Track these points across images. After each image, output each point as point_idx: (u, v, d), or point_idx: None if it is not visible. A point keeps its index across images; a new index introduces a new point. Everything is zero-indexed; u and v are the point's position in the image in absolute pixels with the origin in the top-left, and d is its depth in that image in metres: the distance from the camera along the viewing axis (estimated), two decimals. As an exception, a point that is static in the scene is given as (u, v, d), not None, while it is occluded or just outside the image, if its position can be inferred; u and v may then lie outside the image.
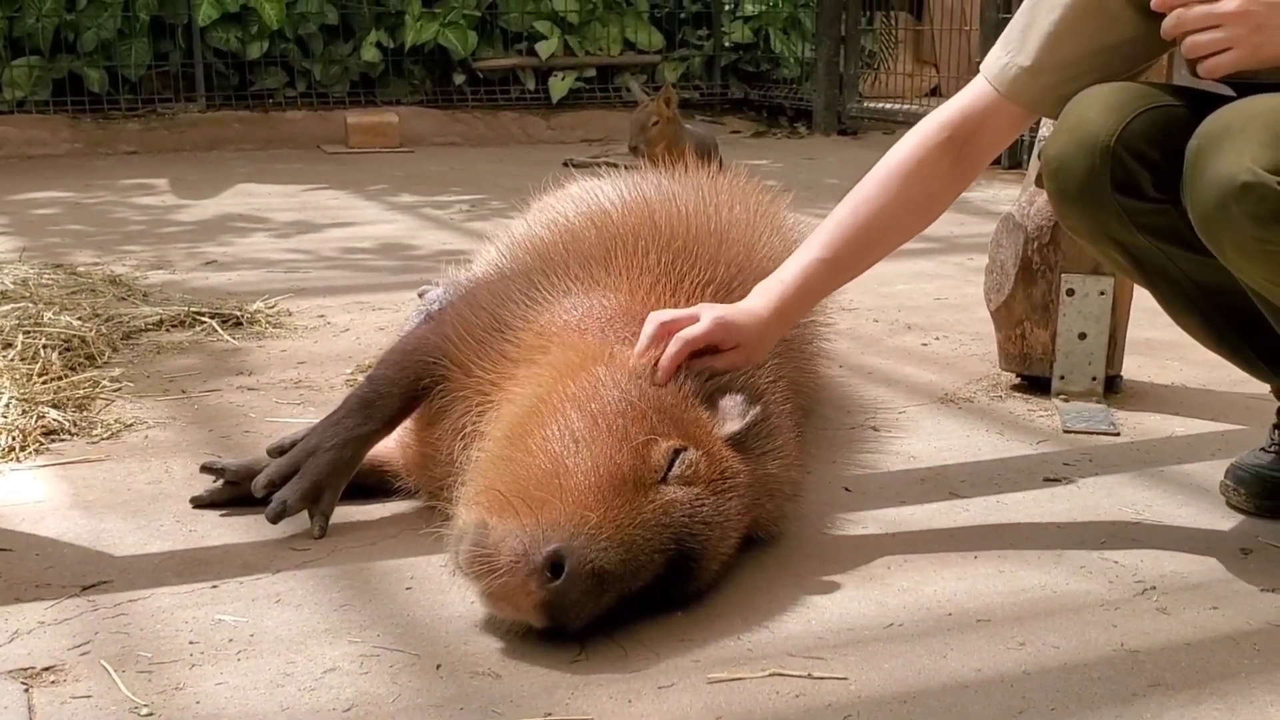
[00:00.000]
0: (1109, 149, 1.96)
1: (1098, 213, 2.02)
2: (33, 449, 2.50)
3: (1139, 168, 1.96)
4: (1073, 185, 2.02)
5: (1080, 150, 1.99)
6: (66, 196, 6.07)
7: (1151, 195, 1.98)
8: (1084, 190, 2.00)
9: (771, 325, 2.14)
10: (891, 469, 2.53)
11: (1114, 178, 1.97)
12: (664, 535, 1.78)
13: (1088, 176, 1.99)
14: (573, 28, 9.11)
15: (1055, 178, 2.05)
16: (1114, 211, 2.00)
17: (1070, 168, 2.01)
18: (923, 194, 2.19)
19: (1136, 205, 1.99)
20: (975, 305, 3.86)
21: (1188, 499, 2.38)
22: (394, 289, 4.03)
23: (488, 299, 2.19)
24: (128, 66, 8.19)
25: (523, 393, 2.01)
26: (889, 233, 2.22)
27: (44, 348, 3.00)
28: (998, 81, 2.15)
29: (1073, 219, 2.09)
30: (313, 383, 3.02)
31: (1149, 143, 1.96)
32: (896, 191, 2.17)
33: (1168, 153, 1.94)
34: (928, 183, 2.18)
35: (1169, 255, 2.05)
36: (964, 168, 2.20)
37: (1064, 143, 2.02)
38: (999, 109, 2.16)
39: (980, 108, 2.16)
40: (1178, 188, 1.93)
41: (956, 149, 2.16)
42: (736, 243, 2.43)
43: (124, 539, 2.11)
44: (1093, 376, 2.93)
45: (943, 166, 2.17)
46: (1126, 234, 2.04)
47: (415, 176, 6.84)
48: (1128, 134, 1.96)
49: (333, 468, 2.14)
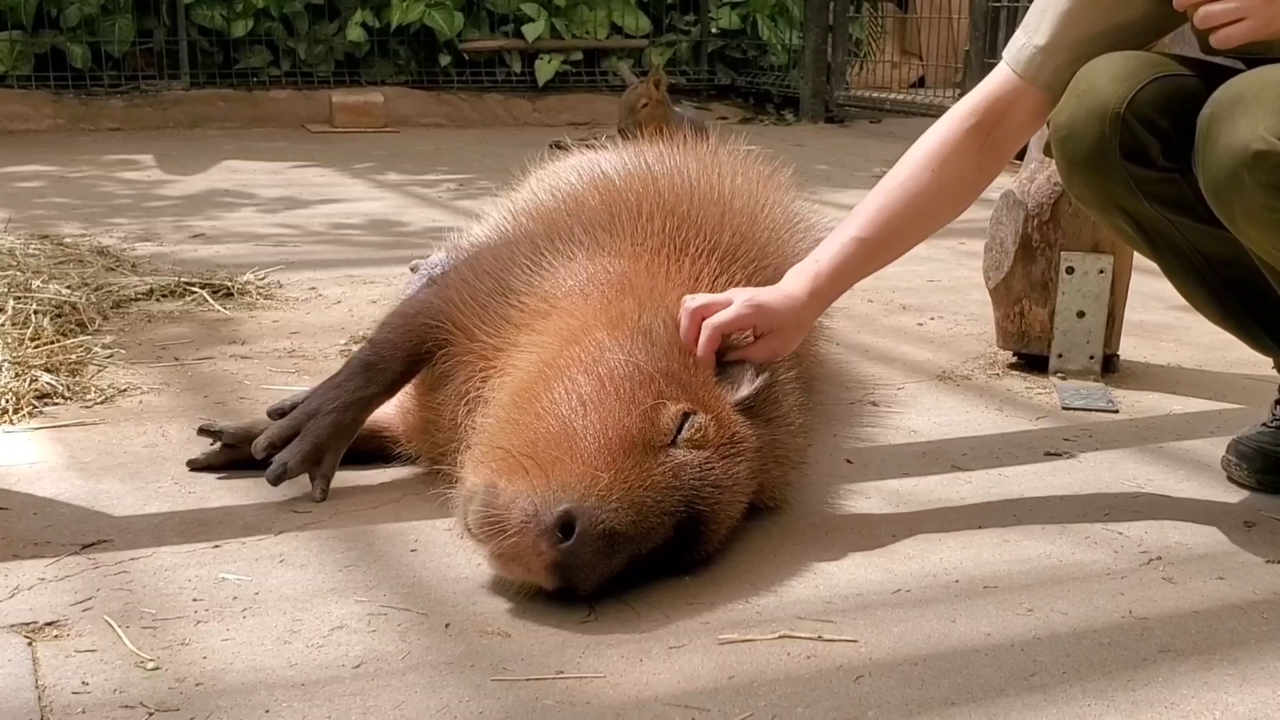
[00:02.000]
0: (1119, 116, 1.96)
1: (1106, 180, 2.02)
2: (26, 412, 2.47)
3: (1148, 135, 1.96)
4: (1081, 152, 2.02)
5: (1090, 117, 1.98)
6: (51, 170, 6.00)
7: (1160, 164, 1.98)
8: (1093, 157, 2.00)
9: (808, 308, 2.12)
10: (893, 442, 2.52)
11: (1123, 145, 1.97)
12: (674, 498, 1.77)
13: (1097, 143, 1.98)
14: (559, 11, 9.07)
15: (1064, 145, 2.04)
16: (1122, 179, 2.00)
17: (1079, 134, 2.01)
18: (956, 179, 2.18)
19: (1145, 173, 1.99)
20: (969, 288, 3.87)
21: (1189, 474, 2.38)
22: (385, 264, 4.00)
23: (492, 263, 2.17)
24: (111, 43, 8.12)
25: (527, 358, 1.99)
26: (924, 218, 2.21)
27: (35, 313, 2.96)
28: (1015, 63, 2.16)
29: (1080, 187, 2.08)
30: (306, 352, 2.99)
31: (1158, 111, 1.95)
32: (931, 177, 2.16)
33: (1177, 122, 1.94)
34: (960, 168, 2.17)
35: (1176, 225, 2.05)
36: (993, 153, 2.19)
37: (1073, 109, 2.01)
38: (1021, 92, 2.15)
39: (1004, 92, 2.17)
40: (1186, 157, 1.93)
41: (985, 134, 2.16)
42: (740, 212, 2.41)
43: (122, 500, 2.09)
44: (1090, 355, 2.93)
45: (972, 152, 2.17)
46: (1134, 202, 2.03)
47: (401, 156, 6.80)
48: (1137, 102, 1.95)
49: (334, 430, 2.12)
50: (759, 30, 9.70)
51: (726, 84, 9.68)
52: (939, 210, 2.22)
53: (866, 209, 2.17)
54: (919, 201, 2.17)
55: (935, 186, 2.17)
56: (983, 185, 2.25)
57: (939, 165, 2.16)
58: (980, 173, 2.21)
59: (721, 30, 9.72)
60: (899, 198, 2.17)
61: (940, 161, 2.16)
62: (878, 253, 2.20)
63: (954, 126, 2.18)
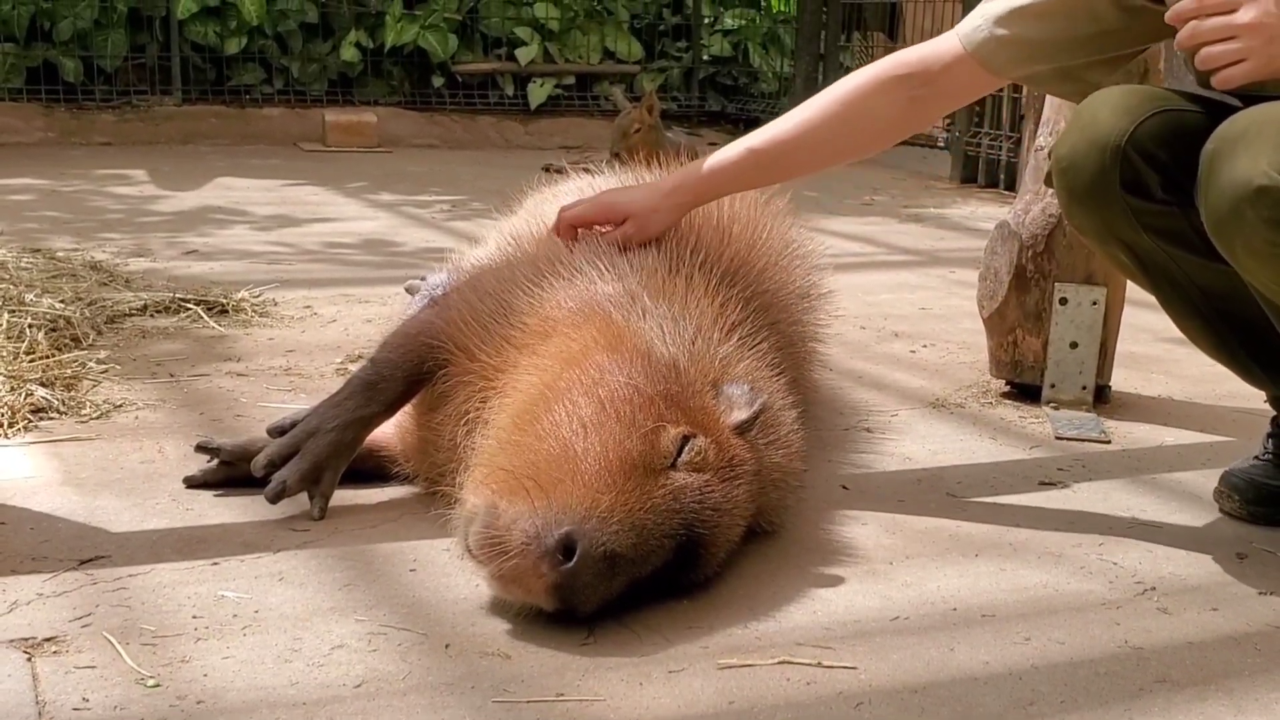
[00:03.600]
0: (1119, 148, 1.98)
1: (1105, 211, 2.04)
2: (21, 426, 2.46)
3: (1148, 168, 1.99)
4: (1082, 183, 2.04)
5: (1091, 149, 2.01)
6: (42, 184, 5.99)
7: (1159, 196, 2.01)
8: (1093, 188, 2.03)
9: (669, 196, 2.26)
10: (887, 469, 2.54)
11: (1123, 177, 2.00)
12: (674, 520, 1.77)
13: (1097, 175, 2.01)
14: (553, 35, 9.12)
15: (1065, 175, 2.07)
16: (1121, 211, 2.03)
17: (1080, 166, 2.03)
18: (865, 120, 2.26)
19: (1144, 205, 2.01)
20: (960, 316, 3.89)
21: (1181, 505, 2.40)
22: (380, 283, 4.00)
23: (494, 285, 2.17)
24: (104, 57, 8.12)
25: (528, 379, 2.00)
26: (821, 146, 2.29)
27: (30, 327, 2.96)
28: (967, 41, 2.19)
29: (1080, 217, 2.11)
30: (302, 370, 2.99)
31: (1159, 145, 1.98)
32: (840, 110, 2.25)
33: (1177, 155, 1.96)
34: (873, 110, 2.25)
35: (1174, 258, 2.07)
36: (915, 109, 2.26)
37: (1075, 141, 2.04)
38: (962, 62, 2.20)
39: (945, 57, 2.21)
40: (1185, 190, 1.95)
41: (912, 87, 2.22)
42: (739, 237, 2.43)
43: (119, 516, 2.08)
44: (1083, 385, 2.95)
45: (893, 98, 2.23)
46: (1133, 234, 2.06)
47: (394, 176, 6.81)
48: (1138, 135, 1.98)
49: (334, 449, 2.11)
50: (750, 57, 9.76)
51: (717, 110, 9.72)
52: (838, 144, 2.30)
53: (770, 126, 2.29)
54: (820, 130, 2.26)
55: (839, 120, 2.25)
56: (892, 137, 2.34)
57: (851, 101, 2.25)
58: (894, 124, 2.29)
59: (713, 57, 9.78)
60: (801, 121, 2.27)
61: (855, 98, 2.25)
62: (765, 165, 2.30)
63: (882, 71, 2.26)
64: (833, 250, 3.94)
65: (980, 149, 7.35)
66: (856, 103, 2.24)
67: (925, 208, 6.49)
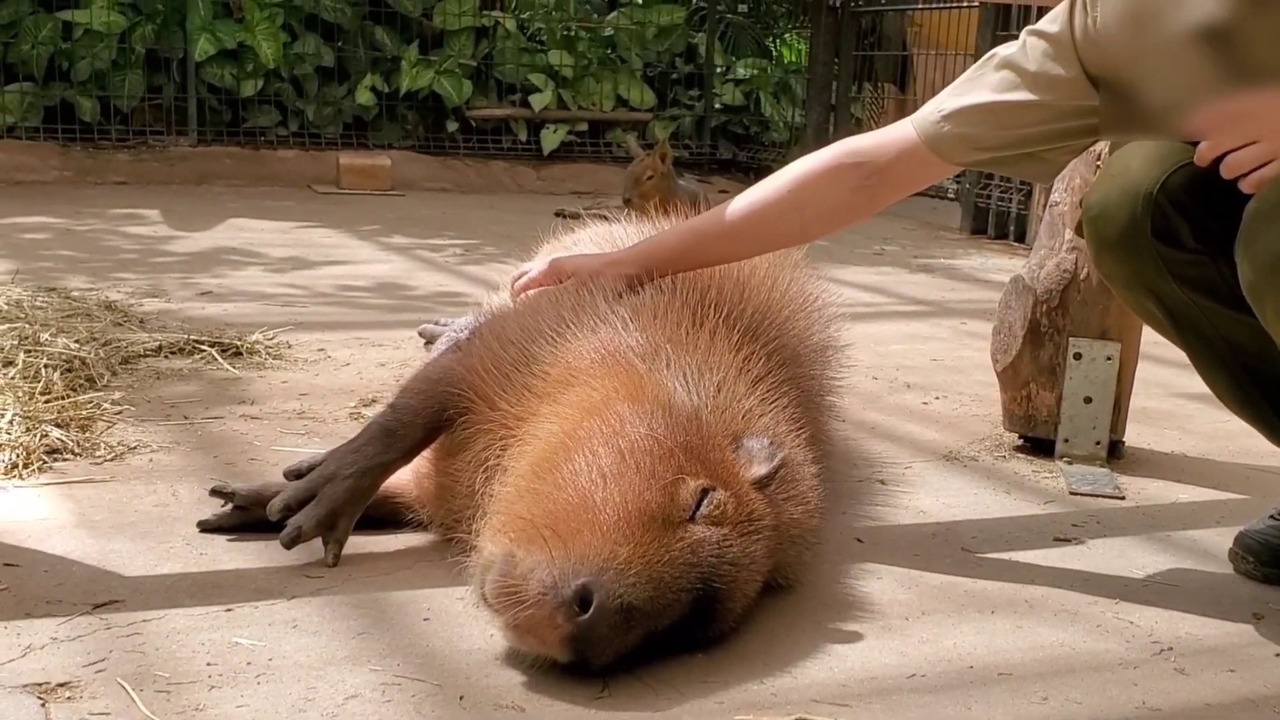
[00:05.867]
0: (1151, 196, 1.99)
1: (1136, 260, 2.05)
2: (36, 467, 2.46)
3: (1179, 217, 1.99)
4: (1113, 232, 2.05)
5: (1123, 198, 2.02)
6: (57, 223, 6.03)
7: (1190, 245, 2.01)
8: (1124, 237, 2.04)
9: (612, 263, 2.34)
10: (902, 522, 2.53)
11: (1154, 226, 2.01)
12: (691, 574, 1.77)
13: (1129, 223, 2.02)
14: (566, 82, 9.19)
15: (1095, 224, 2.08)
16: (1152, 259, 2.03)
17: (1111, 214, 2.04)
18: (814, 202, 2.28)
19: (1175, 255, 2.02)
20: (971, 368, 3.89)
21: (1197, 563, 2.39)
22: (393, 327, 4.01)
23: (517, 333, 2.18)
24: (120, 97, 8.18)
25: (548, 428, 2.00)
26: (769, 230, 2.32)
27: (45, 367, 2.97)
28: (924, 130, 2.21)
29: (1110, 265, 2.11)
30: (316, 414, 2.99)
31: (1190, 195, 1.99)
32: (789, 193, 2.28)
33: (1208, 206, 1.97)
34: (821, 197, 2.27)
35: (1203, 310, 2.08)
36: (865, 196, 2.27)
37: (1106, 189, 2.05)
38: (916, 151, 2.22)
39: (900, 145, 2.23)
40: (1216, 240, 1.96)
41: (863, 176, 2.24)
42: (760, 289, 2.44)
43: (133, 559, 2.08)
44: (1096, 440, 2.95)
45: (843, 185, 2.25)
46: (1163, 283, 2.06)
47: (407, 219, 6.84)
48: (1170, 184, 1.99)
49: (350, 495, 2.11)
50: (762, 107, 9.82)
51: (728, 158, 9.78)
52: (784, 230, 2.34)
53: (719, 207, 2.35)
54: (767, 214, 2.29)
55: (788, 205, 2.28)
56: (838, 222, 2.37)
57: (800, 186, 2.27)
58: (842, 210, 2.31)
59: (725, 106, 9.85)
60: (748, 205, 2.31)
61: (803, 184, 2.28)
62: (710, 247, 2.35)
63: (832, 158, 2.28)
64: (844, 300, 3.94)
65: (990, 201, 7.39)
66: (805, 189, 2.27)
67: (935, 258, 6.51)
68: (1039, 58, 2.16)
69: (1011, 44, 2.23)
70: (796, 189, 2.28)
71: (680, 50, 9.71)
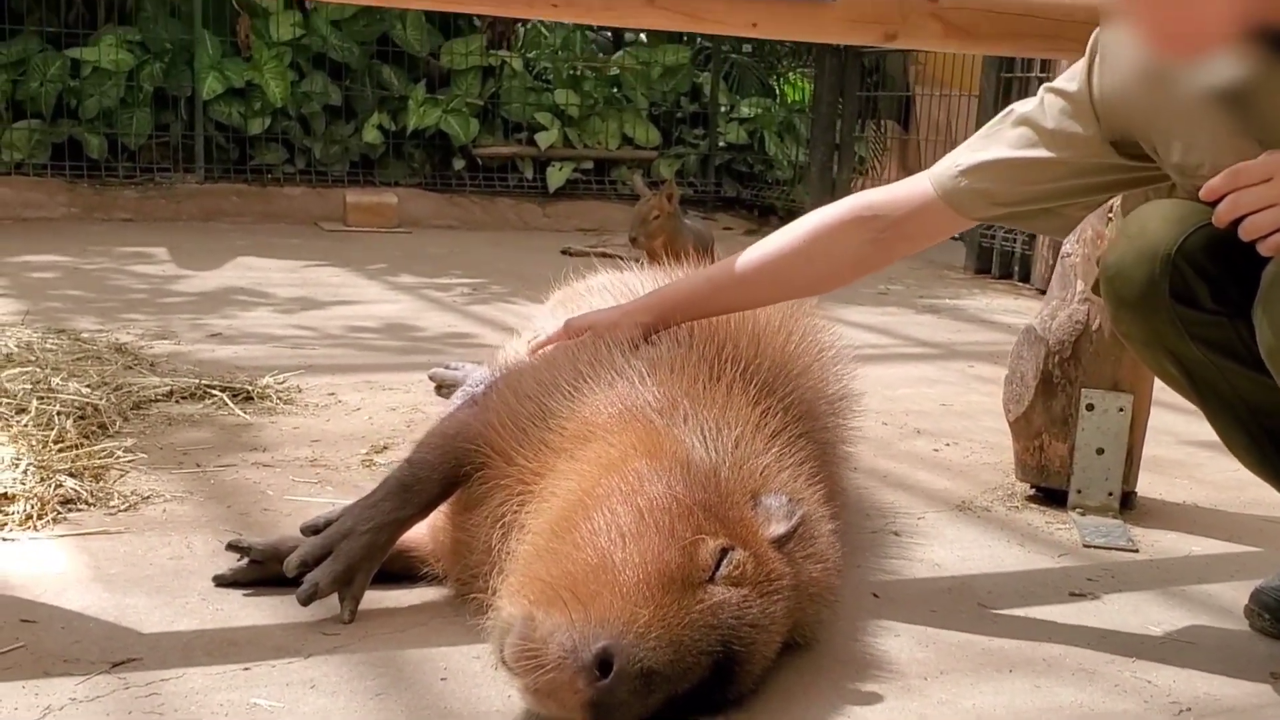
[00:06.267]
0: (1169, 258, 2.00)
1: (1154, 320, 2.05)
2: (50, 518, 2.46)
3: (1197, 278, 2.00)
4: (1131, 292, 2.06)
5: (1140, 258, 2.03)
6: (65, 261, 6.05)
7: (1208, 306, 2.02)
8: (1142, 297, 2.04)
9: (629, 313, 2.35)
10: (917, 576, 2.52)
11: (1172, 287, 2.01)
12: (712, 637, 1.76)
13: (1146, 284, 2.02)
14: (572, 121, 9.24)
15: (1113, 284, 2.09)
16: (1170, 320, 2.03)
17: (1129, 275, 2.05)
18: (828, 255, 2.32)
19: (1193, 315, 2.02)
20: (981, 413, 3.89)
21: (1212, 619, 2.38)
22: (403, 369, 4.02)
23: (533, 387, 2.18)
24: (128, 135, 8.23)
25: (566, 485, 2.00)
26: (783, 281, 2.35)
27: (58, 414, 2.97)
28: (940, 185, 2.25)
29: (1128, 325, 2.12)
30: (328, 462, 2.99)
31: (1208, 255, 1.99)
32: (804, 244, 2.31)
33: (1227, 267, 1.97)
34: (837, 247, 2.31)
35: (1221, 369, 2.08)
36: (879, 249, 2.31)
37: (1123, 250, 2.06)
38: (933, 206, 2.26)
39: (915, 200, 2.27)
40: (1234, 301, 1.97)
41: (879, 229, 2.27)
42: (775, 342, 2.44)
43: (150, 615, 2.07)
44: (1109, 492, 2.95)
45: (857, 238, 2.29)
46: (1181, 344, 2.06)
47: (414, 257, 6.86)
48: (1188, 245, 1.99)
49: (367, 551, 2.11)
50: (766, 146, 9.88)
51: (732, 196, 9.83)
52: (798, 281, 2.37)
53: (733, 257, 2.37)
54: (781, 265, 2.32)
55: (801, 257, 2.31)
56: (854, 275, 2.41)
57: (814, 239, 2.31)
58: (856, 263, 2.35)
59: (729, 144, 9.91)
60: (763, 255, 2.34)
61: (818, 237, 2.31)
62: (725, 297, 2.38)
63: (848, 211, 2.31)
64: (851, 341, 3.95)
65: (995, 240, 7.41)
66: (819, 241, 2.31)
67: (941, 299, 6.52)
68: (1057, 115, 2.18)
69: (1029, 101, 2.25)
70: (811, 241, 2.31)
71: (685, 89, 9.78)
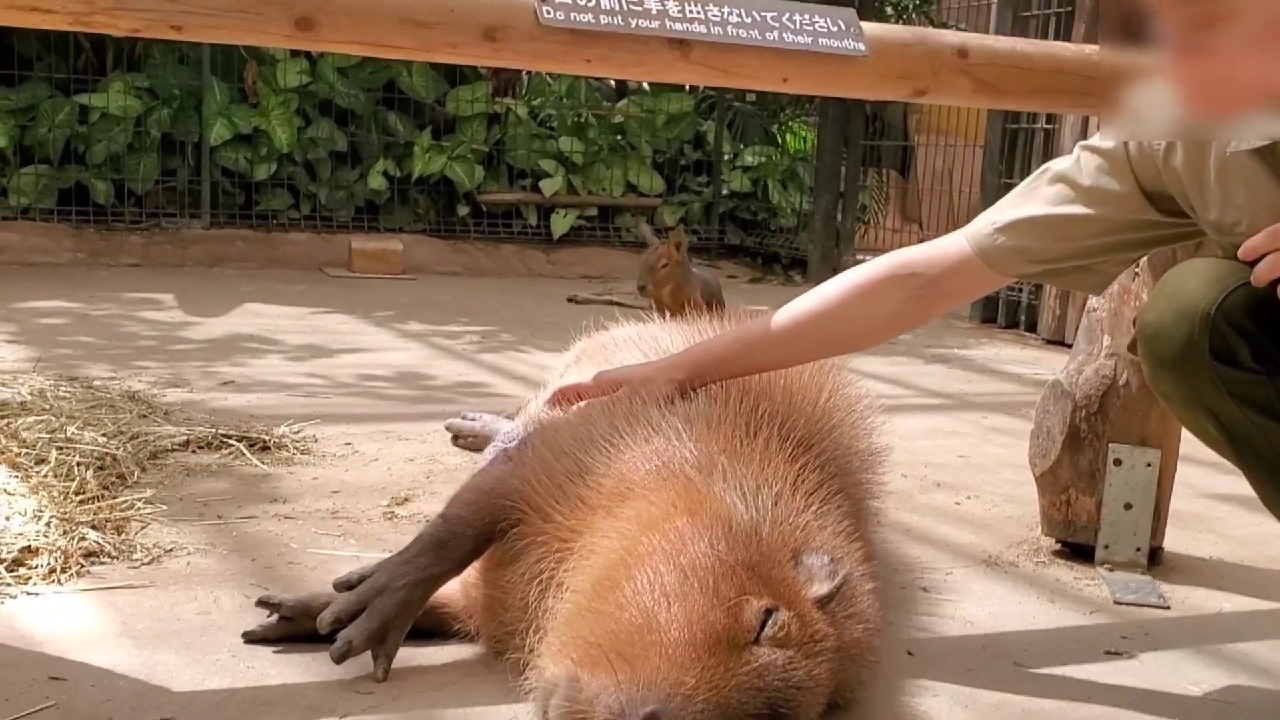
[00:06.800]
0: (1209, 316, 1.99)
1: (1192, 379, 2.04)
2: (74, 571, 2.43)
3: (1237, 337, 1.99)
4: (1169, 352, 2.04)
5: (1179, 317, 2.02)
6: (73, 307, 6.03)
7: (1248, 365, 2.00)
8: (1181, 357, 2.03)
9: (662, 369, 2.34)
10: (950, 633, 2.50)
11: (1212, 346, 2.00)
12: (758, 699, 1.73)
13: (1185, 343, 2.01)
14: (576, 168, 9.28)
15: (1151, 343, 2.08)
16: (1209, 379, 2.02)
17: (1167, 334, 2.04)
18: (865, 316, 2.32)
19: (1232, 374, 2.01)
20: (999, 465, 3.88)
21: (1250, 679, 2.35)
22: (418, 419, 3.99)
23: (570, 443, 2.16)
24: (135, 180, 8.25)
25: (606, 543, 1.97)
26: (818, 340, 2.36)
27: (78, 465, 2.94)
28: (976, 244, 2.26)
29: (1166, 384, 2.10)
30: (349, 514, 2.96)
31: (1247, 315, 1.98)
32: (840, 304, 2.31)
33: (1266, 326, 1.96)
34: (875, 307, 2.31)
35: (1261, 428, 2.06)
36: (917, 307, 2.31)
37: (1161, 309, 2.05)
38: (970, 264, 2.27)
39: (952, 259, 2.28)
40: (1275, 360, 1.96)
41: (917, 287, 2.28)
42: (806, 397, 2.43)
43: (180, 673, 2.04)
44: (1137, 547, 2.93)
45: (895, 297, 2.29)
46: (1220, 403, 2.05)
47: (421, 304, 6.86)
48: (1227, 305, 1.99)
49: (401, 608, 2.08)
50: (769, 194, 9.93)
51: (736, 244, 9.86)
52: (833, 341, 2.39)
53: (767, 315, 2.37)
54: (817, 325, 2.33)
55: (838, 317, 2.32)
56: (890, 332, 2.42)
57: (851, 298, 2.31)
58: (894, 321, 2.36)
59: (733, 192, 9.95)
60: (798, 314, 2.34)
61: (855, 296, 2.31)
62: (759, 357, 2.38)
63: (884, 270, 2.31)
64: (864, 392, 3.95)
65: (1001, 290, 7.42)
66: (857, 300, 2.31)
67: (949, 348, 6.53)
68: (1093, 172, 2.18)
69: (1064, 158, 2.26)
70: (848, 299, 2.31)
71: (689, 137, 9.83)
